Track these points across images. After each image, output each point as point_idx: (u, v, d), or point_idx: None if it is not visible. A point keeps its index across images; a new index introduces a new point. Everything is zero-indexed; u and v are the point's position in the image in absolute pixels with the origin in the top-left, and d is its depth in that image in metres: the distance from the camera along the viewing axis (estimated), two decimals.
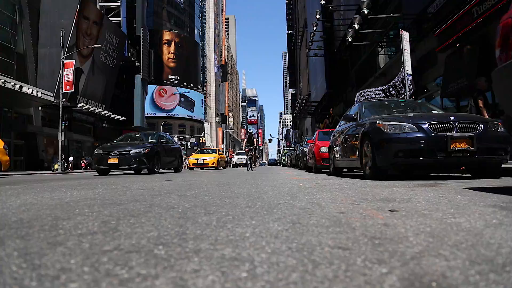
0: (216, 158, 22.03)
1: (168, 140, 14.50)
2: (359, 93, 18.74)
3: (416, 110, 7.03)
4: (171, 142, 14.70)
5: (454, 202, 2.40)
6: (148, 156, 11.62)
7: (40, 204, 2.63)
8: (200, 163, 21.94)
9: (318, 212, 2.05)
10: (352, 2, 21.85)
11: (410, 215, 1.87)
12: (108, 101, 37.80)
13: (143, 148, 11.63)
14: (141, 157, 11.41)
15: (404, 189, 3.61)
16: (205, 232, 1.50)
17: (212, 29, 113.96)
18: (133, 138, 13.62)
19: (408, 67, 11.96)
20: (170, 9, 78.67)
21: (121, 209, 2.28)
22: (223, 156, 25.00)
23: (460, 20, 11.24)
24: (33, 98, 24.71)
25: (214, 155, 22.48)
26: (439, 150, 5.08)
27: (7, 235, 1.49)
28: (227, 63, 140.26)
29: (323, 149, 10.69)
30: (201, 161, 21.95)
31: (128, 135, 14.71)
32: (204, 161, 21.88)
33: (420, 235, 1.40)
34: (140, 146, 11.73)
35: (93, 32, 32.94)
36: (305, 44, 45.60)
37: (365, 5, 14.64)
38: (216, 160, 21.97)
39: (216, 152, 23.70)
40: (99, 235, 1.47)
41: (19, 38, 26.62)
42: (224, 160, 24.76)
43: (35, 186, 4.94)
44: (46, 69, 28.71)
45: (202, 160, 22.00)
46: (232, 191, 3.71)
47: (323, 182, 5.32)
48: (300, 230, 1.53)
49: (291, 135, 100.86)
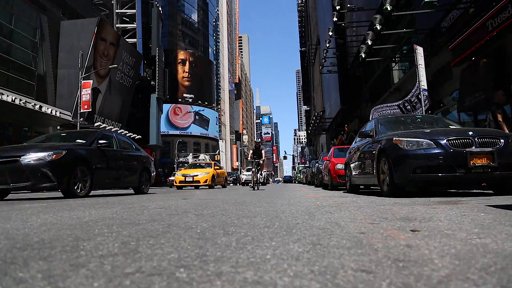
0: (210, 174, 17.91)
1: (117, 142, 9.36)
2: (374, 109, 18.62)
3: (433, 126, 6.94)
4: (123, 147, 9.65)
5: (477, 221, 2.34)
6: (58, 166, 6.88)
7: (60, 224, 2.66)
8: (189, 181, 17.80)
9: (338, 232, 2.03)
10: (364, 18, 21.93)
11: (433, 236, 1.83)
12: (124, 120, 38.41)
13: (51, 152, 6.88)
14: (42, 168, 6.70)
15: (424, 207, 3.54)
16: (226, 254, 1.49)
17: (226, 48, 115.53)
18: (50, 138, 9.11)
19: (423, 82, 11.87)
20: (184, 29, 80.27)
21: (140, 229, 2.29)
22: (222, 172, 20.80)
23: (475, 34, 11.16)
24: (52, 118, 25.29)
25: (208, 170, 18.38)
26: (458, 166, 4.99)
27: (30, 256, 1.50)
28: (241, 81, 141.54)
29: (339, 166, 10.61)
30: (190, 178, 17.72)
31: (50, 134, 10.81)
32: (194, 178, 17.63)
33: (445, 257, 1.36)
34: (46, 149, 6.96)
35: (110, 53, 33.72)
36: (318, 61, 45.81)
37: (378, 21, 14.64)
38: (210, 176, 17.82)
39: (212, 166, 19.47)
40: (120, 257, 1.47)
41: (39, 60, 27.42)
42: (223, 176, 20.59)
43: (54, 205, 5.00)
44: (65, 90, 29.39)
45: (191, 176, 17.75)
46: (249, 210, 3.70)
47: (340, 200, 5.26)
48: (321, 251, 1.51)
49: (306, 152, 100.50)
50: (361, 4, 22.64)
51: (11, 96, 20.79)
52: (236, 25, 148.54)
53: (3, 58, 23.90)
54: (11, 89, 22.91)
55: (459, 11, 12.78)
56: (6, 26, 24.23)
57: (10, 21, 24.54)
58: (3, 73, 23.74)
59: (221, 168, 20.19)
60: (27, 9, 25.96)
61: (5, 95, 20.33)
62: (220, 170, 20.44)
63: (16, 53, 25.18)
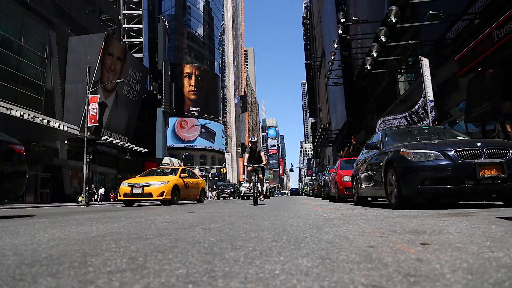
0: (169, 185, 12.35)
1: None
2: (381, 120, 18.60)
3: (441, 137, 6.90)
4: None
5: (489, 234, 2.30)
6: None
7: (68, 239, 2.66)
8: (137, 193, 12.32)
9: (347, 246, 2.00)
10: (369, 30, 22.05)
11: (444, 249, 1.80)
12: (131, 133, 38.65)
13: None
14: None
15: (433, 219, 3.50)
16: (234, 269, 1.48)
17: (232, 61, 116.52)
18: None
19: (430, 93, 11.85)
20: (190, 43, 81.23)
21: (147, 244, 2.28)
22: (196, 182, 14.95)
23: (481, 44, 11.16)
24: (60, 132, 25.55)
25: (168, 179, 12.81)
26: (467, 177, 4.94)
27: (39, 273, 1.50)
28: (246, 94, 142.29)
29: (346, 178, 10.56)
30: (139, 190, 12.23)
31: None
32: (144, 189, 12.20)
33: (457, 271, 1.34)
34: None
35: (117, 68, 34.14)
36: (323, 73, 46.01)
37: (383, 33, 14.71)
38: (168, 188, 12.25)
39: (177, 173, 13.76)
40: (128, 273, 1.46)
41: (48, 75, 27.82)
42: (197, 188, 14.87)
43: (61, 220, 5.02)
44: (72, 104, 29.74)
45: (140, 187, 12.26)
46: (257, 223, 3.68)
47: (347, 212, 5.22)
48: (330, 266, 1.49)
49: (312, 164, 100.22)
50: (366, 17, 22.79)
51: (20, 111, 21.07)
52: (241, 38, 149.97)
53: (13, 73, 24.30)
54: (20, 104, 23.24)
55: (464, 22, 12.82)
56: (15, 42, 24.68)
57: (19, 38, 25.00)
58: (13, 89, 24.10)
59: (193, 176, 15.16)
60: (36, 25, 26.46)
61: (14, 110, 20.61)
62: (192, 180, 14.58)
63: (25, 68, 25.59)
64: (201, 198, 15.20)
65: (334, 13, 35.08)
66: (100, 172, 36.57)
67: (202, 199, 15.38)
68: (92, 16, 36.11)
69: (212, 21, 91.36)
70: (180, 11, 79.70)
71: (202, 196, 15.33)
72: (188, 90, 76.27)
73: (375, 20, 19.31)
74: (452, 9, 12.96)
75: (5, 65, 23.61)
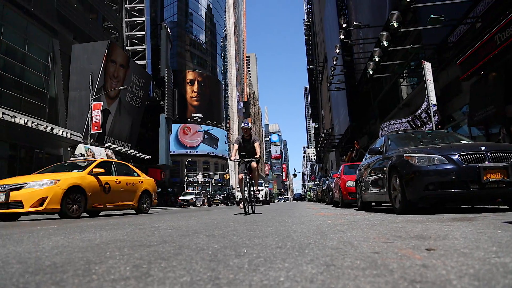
0: (58, 188, 7.97)
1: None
2: (384, 125, 18.57)
3: (444, 141, 6.88)
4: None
5: (495, 239, 2.28)
6: None
7: (71, 247, 2.65)
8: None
9: (351, 252, 1.99)
10: (371, 35, 22.06)
11: (450, 255, 1.79)
12: (134, 140, 38.76)
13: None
14: None
15: (438, 224, 3.47)
16: (238, 277, 1.47)
17: (234, 67, 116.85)
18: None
19: (433, 97, 11.83)
20: (192, 50, 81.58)
21: (151, 252, 2.27)
22: (132, 181, 10.58)
23: (483, 48, 11.15)
24: (63, 139, 25.64)
25: (60, 176, 8.39)
26: (471, 181, 4.91)
27: (43, 281, 1.50)
28: (249, 99, 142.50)
29: (350, 183, 10.52)
30: (1, 197, 7.71)
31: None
32: (10, 195, 7.73)
33: (463, 277, 1.33)
34: None
35: (120, 75, 34.31)
36: (326, 78, 46.03)
37: (385, 38, 14.72)
38: (56, 192, 7.89)
39: (89, 167, 9.39)
40: (132, 281, 1.46)
41: (51, 83, 27.99)
42: (134, 191, 10.48)
43: (65, 227, 5.02)
44: (76, 111, 29.88)
45: (4, 193, 7.76)
46: (260, 229, 3.66)
47: (351, 218, 5.20)
48: (335, 273, 1.48)
49: (316, 170, 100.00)
50: (367, 21, 22.82)
51: (24, 119, 21.17)
52: (243, 44, 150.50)
53: (17, 81, 24.45)
54: (23, 111, 23.37)
55: (466, 26, 12.81)
56: (19, 50, 24.86)
57: (23, 46, 25.19)
58: (16, 96, 24.25)
59: (129, 173, 10.91)
60: (40, 33, 26.67)
61: (18, 117, 20.71)
62: (122, 178, 10.20)
63: (29, 76, 25.76)
64: (141, 205, 10.75)
65: (336, 18, 35.19)
66: None
67: (144, 207, 10.93)
68: (95, 24, 36.38)
69: (214, 28, 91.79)
70: (182, 18, 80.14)
71: (143, 203, 10.90)
72: (191, 96, 76.48)
73: (377, 25, 19.34)
74: (454, 13, 12.96)
75: (9, 73, 23.78)
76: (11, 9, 23.81)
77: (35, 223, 6.75)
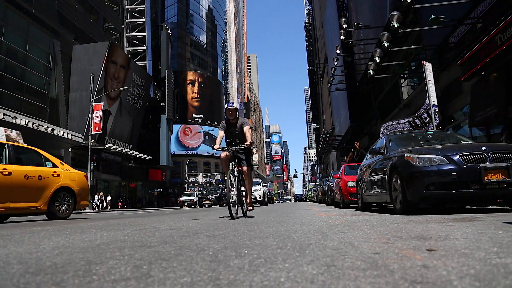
0: None
1: None
2: (384, 125, 18.56)
3: (445, 141, 6.87)
4: None
5: (496, 239, 2.28)
6: None
7: (72, 247, 2.65)
8: None
9: (352, 253, 1.99)
10: (371, 36, 22.07)
11: (450, 255, 1.78)
12: (134, 141, 38.79)
13: None
14: None
15: (438, 224, 3.47)
16: (239, 278, 1.47)
17: (234, 68, 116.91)
18: None
19: (433, 97, 11.82)
20: (193, 50, 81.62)
21: (151, 252, 2.27)
22: (39, 173, 7.59)
23: (484, 48, 11.15)
24: (64, 140, 25.68)
25: None
26: (472, 182, 4.90)
27: (43, 281, 1.50)
28: (249, 100, 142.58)
29: (350, 184, 10.52)
30: None
31: None
32: None
33: (464, 278, 1.33)
34: None
35: (121, 75, 34.37)
36: (326, 79, 46.03)
37: (385, 38, 14.72)
38: None
39: None
40: (132, 281, 1.46)
41: (52, 84, 28.04)
42: (42, 187, 7.59)
43: (66, 227, 5.02)
44: (77, 112, 29.92)
45: None
46: (261, 230, 3.66)
47: (352, 218, 5.19)
48: (336, 273, 1.48)
49: (316, 170, 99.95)
50: (368, 22, 22.82)
51: (25, 120, 21.21)
52: (244, 45, 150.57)
53: (18, 82, 24.49)
54: (24, 112, 23.41)
55: (467, 27, 12.81)
56: (20, 51, 24.91)
57: (24, 47, 25.24)
58: (17, 97, 24.28)
59: (39, 164, 7.92)
60: (40, 34, 26.72)
61: (18, 118, 20.75)
62: (21, 169, 7.30)
63: (30, 77, 25.81)
64: (54, 208, 7.93)
65: (336, 19, 35.18)
66: (104, 180, 36.66)
67: (62, 211, 8.15)
68: (96, 25, 36.44)
69: (215, 29, 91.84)
70: (183, 19, 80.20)
71: (59, 205, 8.09)
72: (192, 97, 76.50)
73: (377, 26, 19.33)
74: (454, 13, 12.95)
75: (10, 74, 23.82)
76: (12, 10, 23.87)
77: (36, 223, 6.75)
